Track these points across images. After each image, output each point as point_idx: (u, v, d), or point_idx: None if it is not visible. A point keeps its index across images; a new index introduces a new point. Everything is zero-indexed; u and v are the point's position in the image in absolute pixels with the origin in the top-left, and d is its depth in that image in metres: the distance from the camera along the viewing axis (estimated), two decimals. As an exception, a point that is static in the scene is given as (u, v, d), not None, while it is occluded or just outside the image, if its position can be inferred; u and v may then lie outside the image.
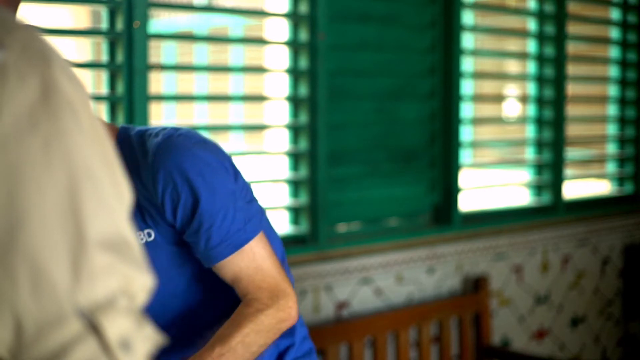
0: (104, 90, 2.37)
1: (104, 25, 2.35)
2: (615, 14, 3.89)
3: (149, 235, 1.45)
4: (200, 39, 2.93)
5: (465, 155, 3.27)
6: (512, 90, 4.30)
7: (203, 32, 4.64)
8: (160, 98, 2.42)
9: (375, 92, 2.90)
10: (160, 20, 8.97)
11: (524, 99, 3.60)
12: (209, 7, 2.83)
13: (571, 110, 3.66)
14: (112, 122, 2.33)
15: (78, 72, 0.80)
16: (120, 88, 2.33)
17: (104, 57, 2.36)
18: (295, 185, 2.73)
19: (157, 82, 8.43)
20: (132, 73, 2.31)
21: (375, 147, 2.91)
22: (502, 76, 4.27)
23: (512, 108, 4.54)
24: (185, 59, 8.92)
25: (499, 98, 4.06)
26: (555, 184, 3.49)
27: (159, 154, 1.42)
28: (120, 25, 2.30)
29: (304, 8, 2.69)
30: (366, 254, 2.85)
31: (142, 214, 1.44)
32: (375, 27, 2.88)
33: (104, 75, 2.38)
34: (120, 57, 2.32)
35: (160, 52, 9.25)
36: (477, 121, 3.39)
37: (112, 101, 2.33)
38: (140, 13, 2.31)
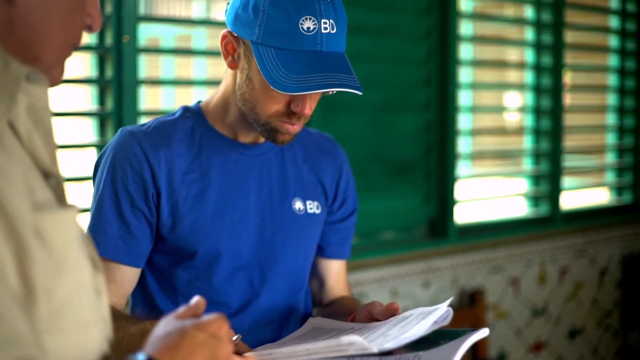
0: (93, 105, 2.33)
1: (93, 39, 2.31)
2: (613, 21, 3.85)
3: (318, 207, 1.59)
4: (195, 53, 2.89)
5: (462, 167, 3.23)
6: (512, 96, 4.26)
7: (202, 36, 4.59)
8: (150, 113, 2.38)
9: (370, 104, 2.86)
10: (160, 25, 8.90)
11: (521, 108, 3.56)
12: (200, 19, 2.79)
13: (569, 119, 3.62)
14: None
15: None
16: (110, 103, 2.29)
17: (93, 72, 2.32)
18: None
19: (156, 92, 8.37)
20: (121, 88, 2.27)
21: (370, 160, 2.87)
22: (499, 86, 4.24)
23: (512, 118, 4.50)
24: (184, 44, 8.82)
25: (496, 109, 4.03)
26: (553, 195, 3.45)
27: (341, 151, 1.68)
28: (109, 39, 2.27)
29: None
30: (361, 268, 2.82)
31: (315, 188, 1.60)
32: (369, 39, 2.84)
33: (93, 90, 2.34)
34: (109, 72, 2.28)
35: (158, 41, 9.18)
36: (474, 132, 3.36)
37: (102, 117, 2.29)
38: (130, 27, 2.27)
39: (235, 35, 1.42)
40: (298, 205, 1.56)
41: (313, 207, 1.58)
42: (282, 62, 1.35)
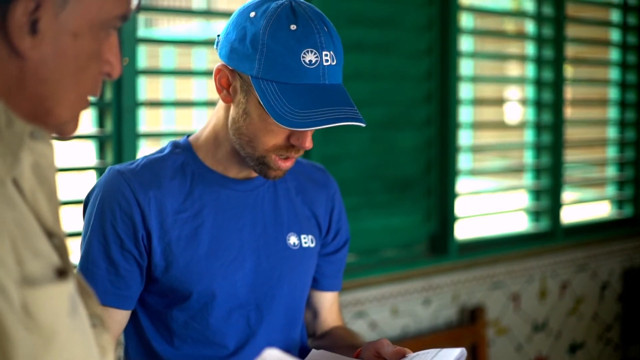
0: (92, 128, 2.33)
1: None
2: (615, 35, 3.84)
3: (312, 241, 1.57)
4: (195, 73, 2.88)
5: (462, 182, 3.22)
6: (513, 110, 4.26)
7: (201, 41, 4.58)
8: (149, 135, 2.38)
9: (370, 122, 2.84)
10: (159, 29, 8.93)
11: (522, 123, 3.56)
12: (199, 40, 2.79)
13: (570, 133, 3.61)
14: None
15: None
16: (109, 126, 2.28)
17: (93, 94, 2.31)
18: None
19: (156, 112, 8.38)
20: (120, 110, 2.27)
21: (371, 178, 2.87)
22: (500, 101, 4.23)
23: (512, 133, 4.50)
24: (184, 62, 8.89)
25: (497, 124, 4.02)
26: (554, 209, 3.44)
27: (333, 181, 1.65)
28: (108, 62, 2.26)
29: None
30: (361, 287, 2.81)
31: (309, 221, 1.57)
32: (370, 56, 2.84)
33: (92, 113, 2.33)
34: (108, 94, 2.28)
35: (158, 55, 9.21)
36: (474, 148, 3.35)
37: (101, 139, 2.29)
38: (129, 49, 2.27)
39: (231, 68, 1.38)
40: (293, 240, 1.53)
41: (307, 240, 1.55)
42: (286, 97, 1.32)
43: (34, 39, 0.81)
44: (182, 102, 2.74)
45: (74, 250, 2.15)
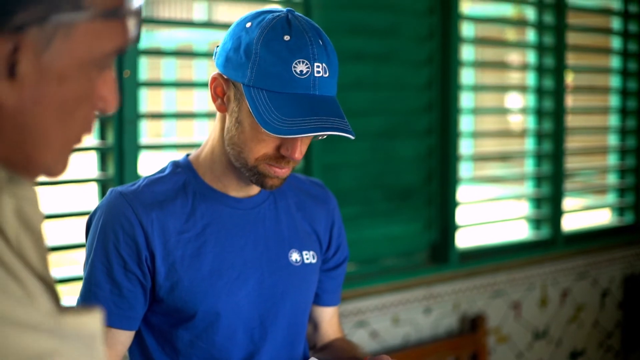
0: (94, 140, 2.34)
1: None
2: (616, 42, 3.85)
3: (314, 257, 1.58)
4: (197, 85, 2.89)
5: (463, 190, 3.23)
6: (514, 118, 4.27)
7: (203, 49, 4.59)
8: (151, 147, 2.38)
9: (371, 131, 2.86)
10: (160, 34, 8.94)
11: (523, 131, 3.56)
12: (201, 52, 2.80)
13: (571, 141, 3.62)
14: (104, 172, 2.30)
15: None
16: (111, 137, 2.29)
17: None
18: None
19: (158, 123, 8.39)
20: (122, 122, 2.28)
21: (371, 187, 2.87)
22: (501, 110, 4.23)
23: (513, 141, 4.50)
24: (185, 68, 8.91)
25: (498, 132, 4.03)
26: (555, 217, 3.45)
27: (332, 196, 1.66)
28: (110, 74, 2.27)
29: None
30: (361, 296, 2.82)
31: (310, 237, 1.59)
32: (370, 66, 2.85)
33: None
34: (110, 107, 2.28)
35: (159, 66, 9.23)
36: (475, 157, 3.35)
37: (103, 151, 2.30)
38: (130, 62, 2.27)
39: (226, 77, 1.40)
40: (295, 256, 1.54)
41: (309, 257, 1.56)
42: (275, 105, 1.33)
43: (12, 83, 0.74)
44: (183, 114, 2.74)
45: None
